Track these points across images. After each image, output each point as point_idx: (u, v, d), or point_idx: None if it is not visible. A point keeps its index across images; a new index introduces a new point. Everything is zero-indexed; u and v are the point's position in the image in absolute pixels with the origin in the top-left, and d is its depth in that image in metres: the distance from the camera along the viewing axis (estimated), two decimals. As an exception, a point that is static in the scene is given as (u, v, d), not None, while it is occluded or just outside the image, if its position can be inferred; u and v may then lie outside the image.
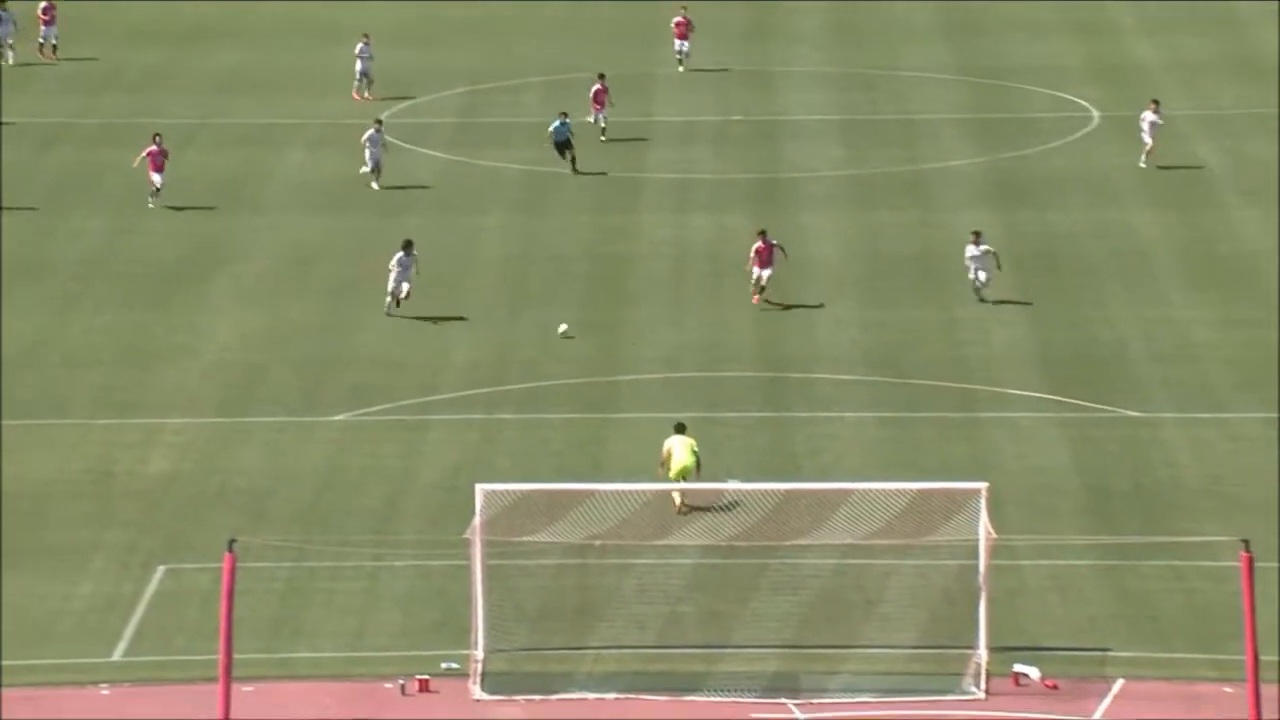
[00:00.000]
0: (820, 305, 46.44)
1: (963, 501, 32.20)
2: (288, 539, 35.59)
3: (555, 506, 33.55)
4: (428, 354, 44.36)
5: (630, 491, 33.70)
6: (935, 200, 53.32)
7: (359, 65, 61.66)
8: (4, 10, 65.03)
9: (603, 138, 56.64)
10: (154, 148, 52.20)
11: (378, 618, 33.59)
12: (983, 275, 45.44)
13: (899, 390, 42.07)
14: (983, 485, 32.11)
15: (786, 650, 32.00)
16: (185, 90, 62.82)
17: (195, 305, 47.24)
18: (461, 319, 46.49)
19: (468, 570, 32.22)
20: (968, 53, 65.88)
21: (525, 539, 33.29)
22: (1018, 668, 31.47)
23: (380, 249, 51.15)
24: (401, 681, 31.46)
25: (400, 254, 45.44)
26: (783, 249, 46.14)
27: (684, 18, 63.62)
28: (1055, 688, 31.16)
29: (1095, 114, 59.55)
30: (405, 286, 45.24)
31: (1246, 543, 30.52)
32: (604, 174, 54.82)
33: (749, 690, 31.09)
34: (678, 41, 63.51)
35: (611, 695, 31.17)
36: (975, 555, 31.76)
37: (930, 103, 61.17)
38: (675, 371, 43.34)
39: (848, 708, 30.78)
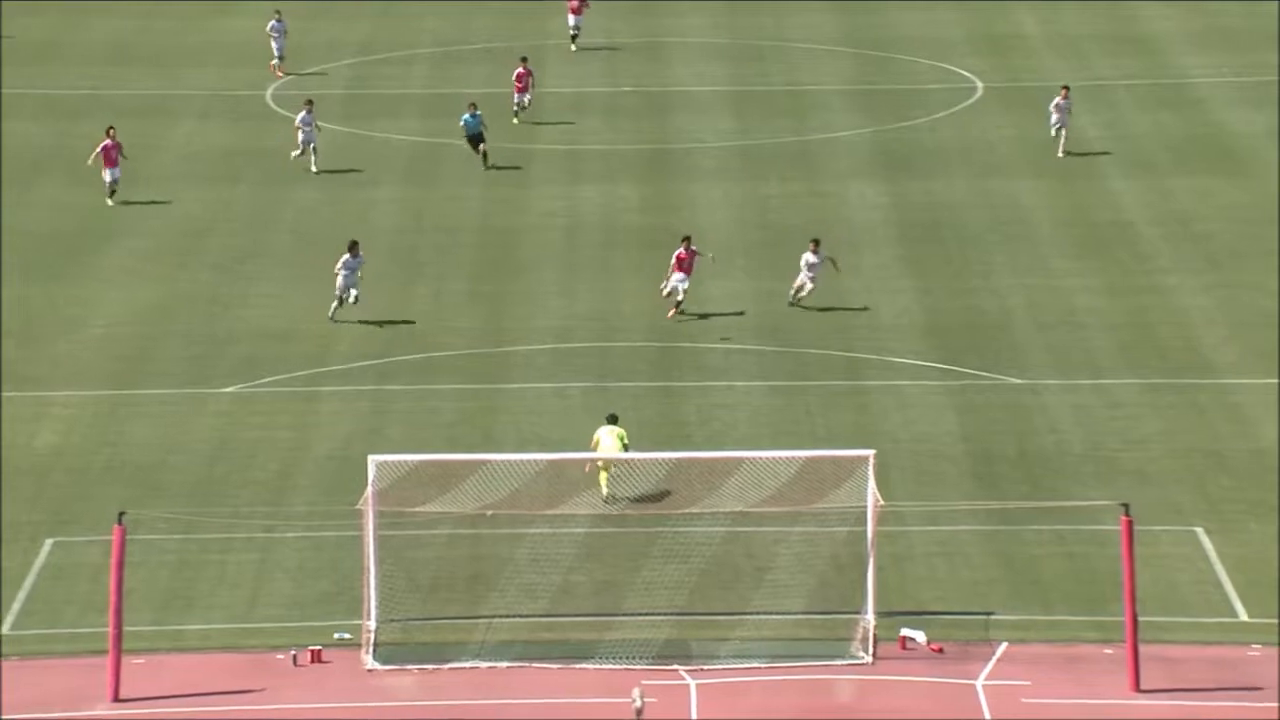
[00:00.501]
0: (711, 276, 46.53)
1: (851, 468, 32.38)
2: (178, 511, 35.32)
3: (447, 477, 33.48)
4: (318, 326, 44.10)
5: (522, 461, 33.66)
6: (823, 170, 53.52)
7: (274, 43, 60.54)
8: None
9: (514, 120, 55.79)
10: (108, 142, 50.26)
11: (269, 589, 33.42)
12: (809, 285, 43.57)
13: (788, 359, 42.23)
14: (870, 452, 32.28)
15: (678, 617, 32.08)
16: (75, 61, 62.05)
17: (85, 278, 46.75)
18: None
19: (360, 541, 32.10)
20: (854, 24, 66.12)
21: (418, 509, 33.21)
22: (905, 632, 31.70)
23: (270, 220, 50.82)
24: (294, 652, 31.32)
25: (346, 256, 43.52)
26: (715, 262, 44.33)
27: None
28: (941, 651, 31.42)
29: (979, 85, 59.93)
30: (353, 292, 43.20)
31: (1126, 507, 30.93)
32: (501, 147, 54.63)
33: (641, 657, 31.16)
34: (572, 17, 63.03)
35: (504, 664, 31.17)
36: (863, 522, 31.93)
37: (818, 74, 61.36)
38: (566, 342, 43.31)
39: (738, 673, 30.93)
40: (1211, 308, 44.23)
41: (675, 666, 31.00)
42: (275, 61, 60.41)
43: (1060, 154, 52.59)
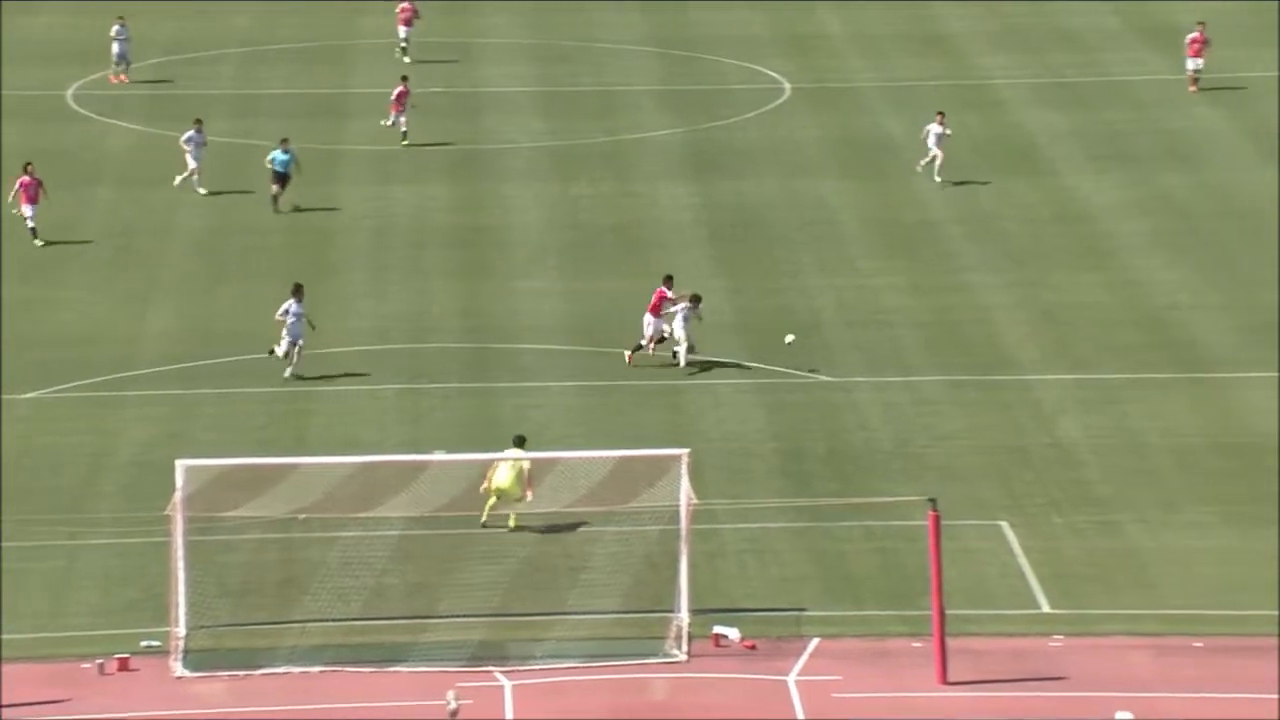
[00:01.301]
0: (523, 277, 46.48)
1: (664, 468, 32.49)
2: (-19, 520, 34.62)
3: (258, 481, 33.15)
4: (122, 329, 43.43)
5: (334, 464, 33.41)
6: (634, 171, 53.66)
7: (116, 47, 59.08)
8: None
9: (404, 142, 54.43)
10: (26, 178, 47.82)
11: (75, 598, 32.88)
12: (681, 335, 40.91)
13: (600, 359, 42.28)
14: (683, 451, 32.41)
15: (492, 619, 32.01)
16: None
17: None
18: (158, 293, 45.60)
19: (168, 547, 31.65)
20: (661, 24, 66.40)
21: (227, 514, 32.83)
22: (717, 629, 31.87)
23: (71, 223, 49.95)
24: (100, 661, 30.82)
25: (291, 301, 40.14)
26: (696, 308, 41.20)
27: (410, 4, 61.66)
28: (754, 648, 31.63)
29: (787, 86, 60.43)
30: (300, 343, 39.89)
31: (934, 502, 31.32)
32: (312, 148, 54.17)
33: (455, 659, 31.04)
34: (402, 29, 61.62)
35: (317, 668, 30.91)
36: (676, 520, 32.06)
37: (627, 74, 61.53)
38: (379, 343, 43.02)
39: (553, 673, 30.91)
40: (1012, 305, 44.97)
41: (490, 668, 30.93)
42: (117, 67, 58.63)
43: (937, 179, 51.01)
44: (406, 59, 61.02)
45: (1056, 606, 32.88)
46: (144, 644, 31.39)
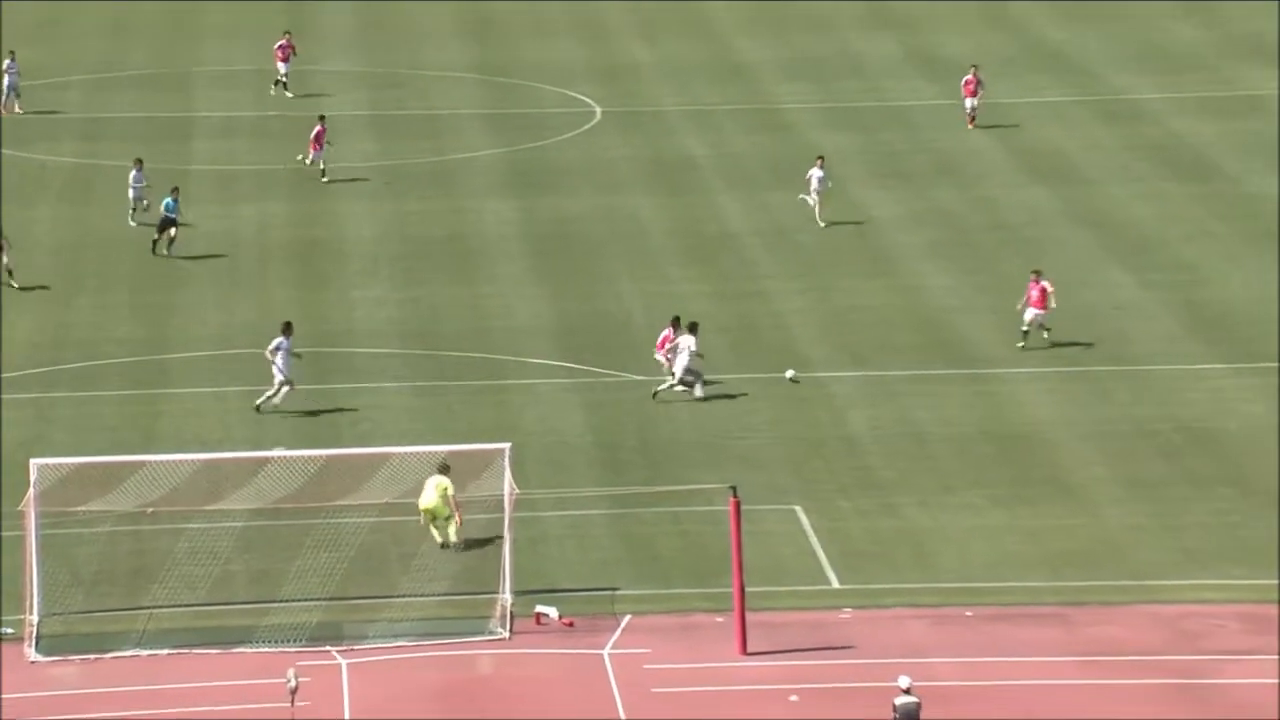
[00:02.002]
0: (358, 287, 46.05)
1: (489, 460, 32.36)
2: None
3: (110, 478, 32.54)
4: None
5: (180, 461, 32.88)
6: (460, 188, 53.37)
7: (6, 80, 57.03)
8: None
9: (324, 179, 52.52)
10: None
11: (-63, 589, 32.00)
12: (681, 368, 38.68)
13: (431, 361, 41.98)
14: (506, 446, 32.29)
15: (330, 602, 31.66)
16: None
17: None
18: (17, 303, 44.59)
19: (23, 540, 30.93)
20: (484, 54, 66.13)
21: (80, 509, 32.20)
22: (539, 609, 31.76)
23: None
24: (-41, 648, 30.06)
25: (280, 338, 38.16)
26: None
27: (288, 41, 59.57)
28: (572, 625, 31.56)
29: (598, 110, 60.43)
30: (289, 381, 37.89)
31: (734, 489, 31.48)
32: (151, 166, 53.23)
33: (295, 640, 30.67)
34: (281, 65, 59.66)
35: (165, 651, 30.41)
36: (500, 508, 31.91)
37: (452, 99, 61.19)
38: (225, 349, 42.39)
39: (386, 652, 30.64)
40: (806, 309, 45.29)
41: (328, 647, 30.60)
42: (6, 98, 56.64)
43: (821, 222, 48.63)
44: (288, 94, 59.23)
45: (845, 582, 33.16)
46: (0, 631, 30.66)
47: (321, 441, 36.78)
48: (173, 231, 47.28)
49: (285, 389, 38.30)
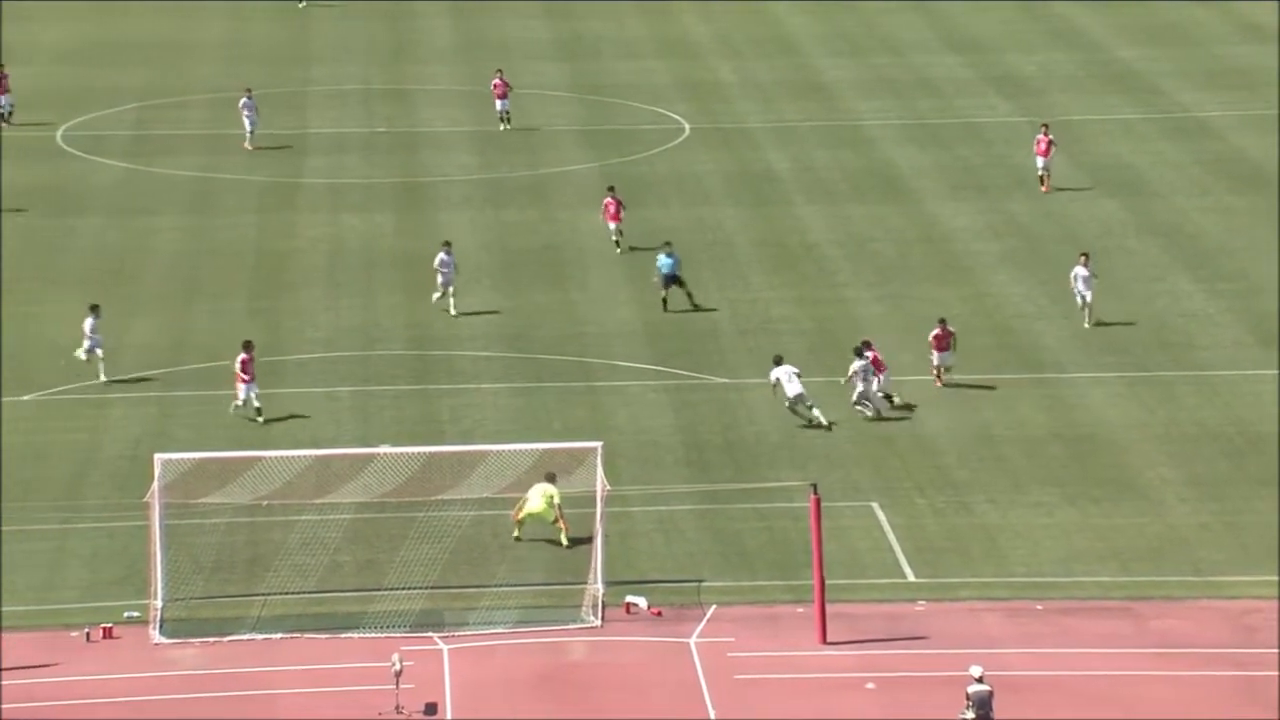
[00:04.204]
0: (460, 293, 46.42)
1: (582, 458, 32.56)
2: (-18, 508, 34.26)
3: (227, 472, 33.00)
4: (110, 339, 43.06)
5: (293, 457, 33.29)
6: (555, 200, 53.63)
7: (246, 117, 56.06)
8: None
9: (505, 127, 54.42)
10: None
11: (66, 575, 32.61)
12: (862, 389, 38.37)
13: (528, 364, 42.24)
14: (598, 444, 32.47)
15: (431, 590, 31.95)
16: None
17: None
18: (140, 308, 45.29)
19: (148, 530, 31.42)
20: (578, 73, 66.42)
21: (200, 501, 32.68)
22: (629, 599, 31.91)
23: (61, 248, 49.56)
24: (87, 630, 30.56)
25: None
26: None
27: (501, 80, 58.19)
28: (660, 614, 31.68)
29: (686, 126, 60.57)
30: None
31: (815, 486, 31.54)
32: (279, 182, 53.85)
33: (399, 626, 30.97)
34: (498, 102, 58.35)
35: (278, 635, 30.79)
36: (593, 504, 32.08)
37: (548, 116, 61.50)
38: (333, 351, 42.85)
39: (485, 638, 30.87)
40: (883, 315, 45.23)
41: (430, 633, 30.87)
42: (253, 137, 55.71)
43: (1088, 324, 42.10)
44: (504, 126, 57.46)
45: (920, 576, 33.12)
46: (126, 615, 31.19)
47: (425, 439, 37.11)
48: (667, 289, 42.82)
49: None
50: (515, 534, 33.60)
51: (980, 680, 27.69)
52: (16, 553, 33.26)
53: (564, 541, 33.45)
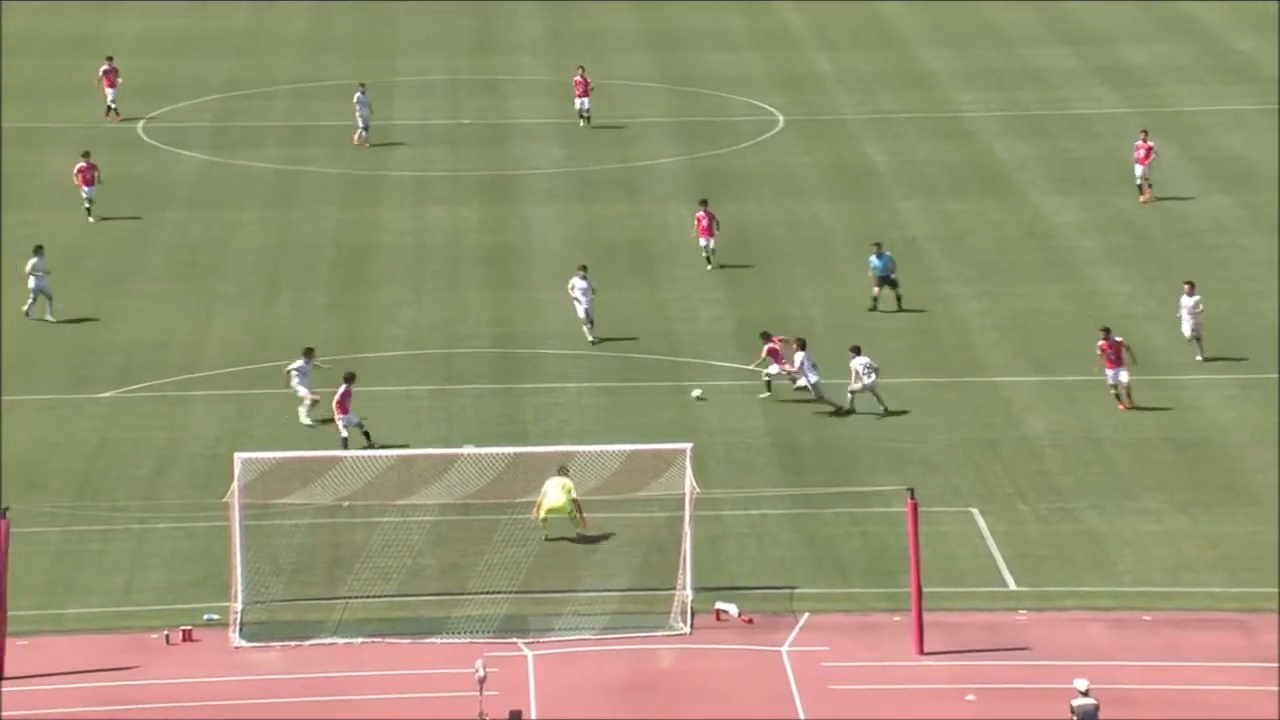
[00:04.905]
0: (546, 288, 46.46)
1: (670, 460, 32.47)
2: (60, 505, 34.63)
3: (308, 472, 33.18)
4: (189, 336, 43.46)
5: (375, 457, 33.42)
6: (645, 194, 53.60)
7: (359, 113, 56.00)
8: None
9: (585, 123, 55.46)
10: (83, 164, 49.62)
11: (144, 576, 32.88)
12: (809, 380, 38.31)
13: (615, 362, 42.20)
14: (687, 445, 32.37)
15: (516, 595, 31.97)
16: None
17: (-28, 294, 45.76)
18: (220, 303, 45.63)
19: (228, 531, 31.64)
20: (669, 64, 66.34)
21: (280, 501, 32.87)
22: (719, 605, 31.80)
23: (143, 242, 50.07)
24: (166, 632, 30.81)
25: (300, 362, 38.30)
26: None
27: (582, 77, 58.07)
28: (751, 622, 31.56)
29: (780, 118, 60.37)
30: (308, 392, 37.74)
31: (912, 491, 31.29)
32: (353, 174, 54.18)
33: (483, 631, 31.01)
34: (579, 100, 58.10)
35: (360, 639, 30.90)
36: (682, 507, 32.00)
37: (637, 107, 61.47)
38: (416, 349, 43.01)
39: (570, 644, 30.86)
40: (983, 313, 44.86)
41: (514, 639, 30.88)
42: (363, 134, 55.71)
43: (1199, 358, 40.75)
44: (583, 123, 57.46)
45: (1022, 584, 32.80)
46: (206, 617, 31.39)
47: (509, 439, 37.16)
48: (882, 289, 42.78)
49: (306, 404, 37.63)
50: (545, 534, 33.43)
51: (1085, 694, 27.37)
52: (95, 553, 33.60)
53: (582, 530, 33.23)
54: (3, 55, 65.85)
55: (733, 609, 31.78)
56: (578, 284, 42.42)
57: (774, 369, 39.74)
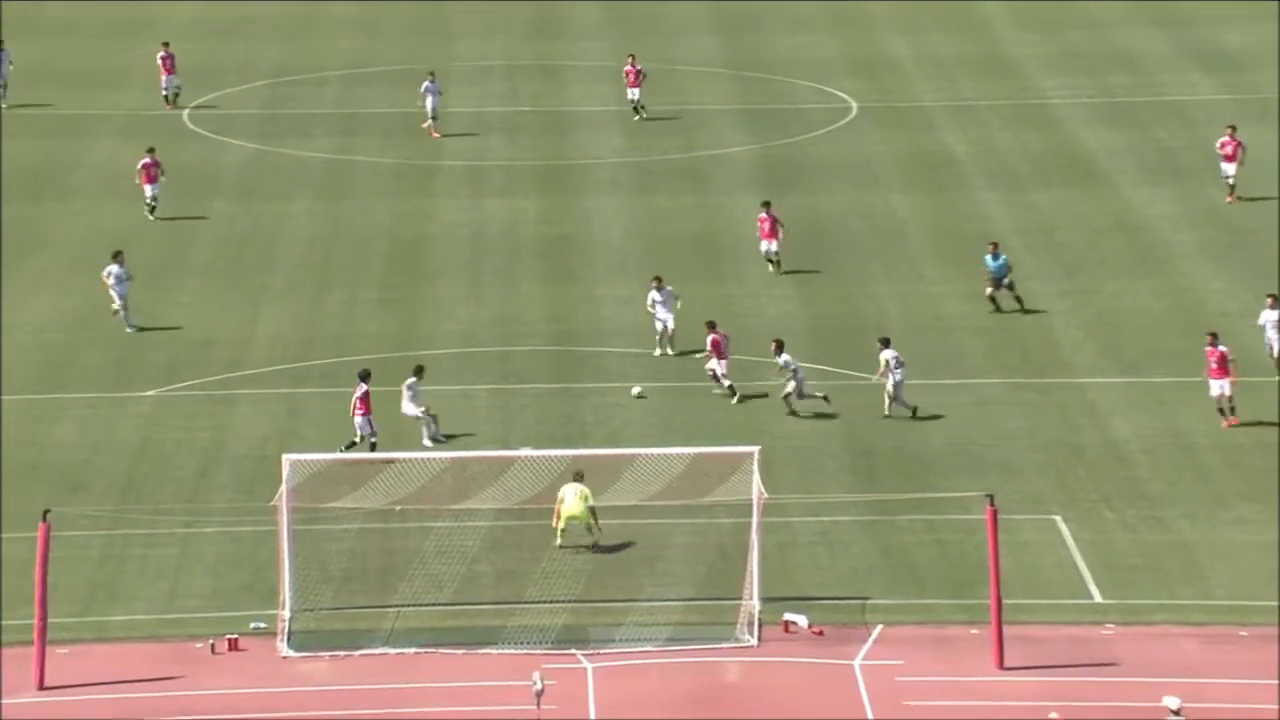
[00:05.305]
0: (606, 284, 46.55)
1: (737, 464, 32.47)
2: (102, 509, 34.95)
3: (359, 474, 33.37)
4: (235, 332, 43.77)
5: (428, 459, 33.57)
6: (711, 185, 53.63)
7: (429, 101, 56.14)
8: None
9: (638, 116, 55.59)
10: (148, 159, 49.50)
11: (189, 582, 33.14)
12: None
13: (679, 362, 42.24)
14: (755, 448, 32.38)
15: (575, 604, 32.06)
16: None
17: (10, 288, 46.20)
18: (268, 298, 45.93)
19: (275, 536, 31.86)
20: (737, 48, 66.33)
21: (330, 505, 33.05)
22: (788, 616, 31.80)
23: (188, 235, 50.44)
24: (212, 641, 31.06)
25: (411, 379, 37.51)
26: None
27: (633, 66, 57.99)
28: (821, 634, 31.54)
29: (854, 105, 60.26)
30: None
31: (991, 497, 31.19)
32: (403, 162, 54.43)
33: (540, 642, 31.11)
34: (630, 90, 58.15)
35: (412, 649, 31.06)
36: (748, 513, 32.01)
37: (703, 94, 61.49)
38: (471, 346, 43.18)
39: (632, 656, 30.92)
40: (1069, 312, 44.68)
41: (573, 650, 30.98)
42: (434, 122, 56.00)
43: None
44: (638, 117, 57.42)
45: (1108, 596, 32.65)
46: (253, 626, 31.61)
47: (568, 441, 37.26)
48: (998, 289, 42.56)
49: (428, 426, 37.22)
50: (558, 541, 33.48)
51: (1177, 713, 27.24)
52: (138, 558, 33.89)
53: (598, 539, 33.27)
54: (44, 40, 66.46)
55: (802, 620, 31.78)
56: (655, 297, 41.73)
57: (712, 363, 39.60)
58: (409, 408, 37.76)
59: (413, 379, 38.12)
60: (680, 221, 50.95)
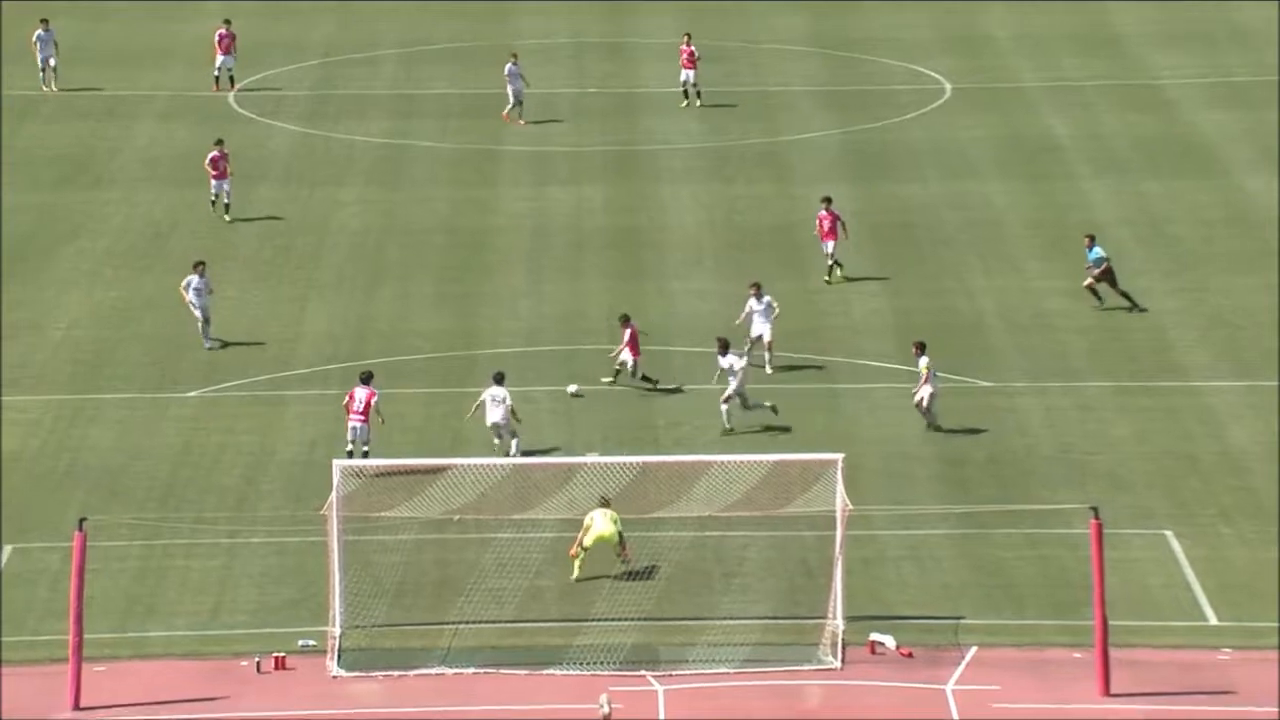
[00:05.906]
0: (679, 278, 46.60)
1: (819, 472, 32.45)
2: (140, 517, 35.24)
3: (414, 482, 33.51)
4: (283, 328, 44.05)
5: (488, 466, 33.68)
6: (793, 172, 53.62)
7: (510, 87, 56.60)
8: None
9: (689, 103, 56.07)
10: (215, 153, 49.30)
11: (234, 595, 33.38)
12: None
13: (757, 362, 42.22)
14: (839, 456, 32.35)
15: (645, 622, 32.12)
16: (29, 62, 61.70)
17: (42, 281, 46.64)
18: (317, 293, 46.20)
19: (325, 547, 32.06)
20: (822, 25, 66.29)
21: (383, 514, 33.21)
22: (874, 637, 31.78)
23: (232, 225, 50.71)
24: (258, 659, 31.28)
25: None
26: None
27: (688, 46, 57.97)
28: (910, 656, 31.52)
29: (947, 86, 60.13)
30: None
31: (1096, 510, 31.07)
32: (471, 148, 54.63)
33: (607, 663, 31.19)
34: (685, 72, 58.03)
35: (471, 669, 31.18)
36: (832, 526, 32.00)
37: (786, 75, 61.49)
38: (534, 345, 43.32)
39: (706, 678, 30.96)
40: (1182, 310, 44.47)
41: (643, 672, 31.05)
42: (514, 109, 56.30)
43: None
44: (686, 103, 57.49)
45: (1224, 619, 32.48)
46: (301, 643, 31.80)
47: (637, 447, 37.32)
48: (1101, 282, 42.56)
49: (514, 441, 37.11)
50: (575, 575, 33.13)
51: (1294, 744, 27.06)
52: (179, 570, 34.16)
53: (625, 563, 33.14)
54: (88, 20, 67.09)
55: (890, 641, 31.76)
56: (752, 305, 41.20)
57: (625, 356, 39.57)
58: (495, 414, 37.01)
59: (498, 388, 37.14)
60: (759, 211, 50.98)
